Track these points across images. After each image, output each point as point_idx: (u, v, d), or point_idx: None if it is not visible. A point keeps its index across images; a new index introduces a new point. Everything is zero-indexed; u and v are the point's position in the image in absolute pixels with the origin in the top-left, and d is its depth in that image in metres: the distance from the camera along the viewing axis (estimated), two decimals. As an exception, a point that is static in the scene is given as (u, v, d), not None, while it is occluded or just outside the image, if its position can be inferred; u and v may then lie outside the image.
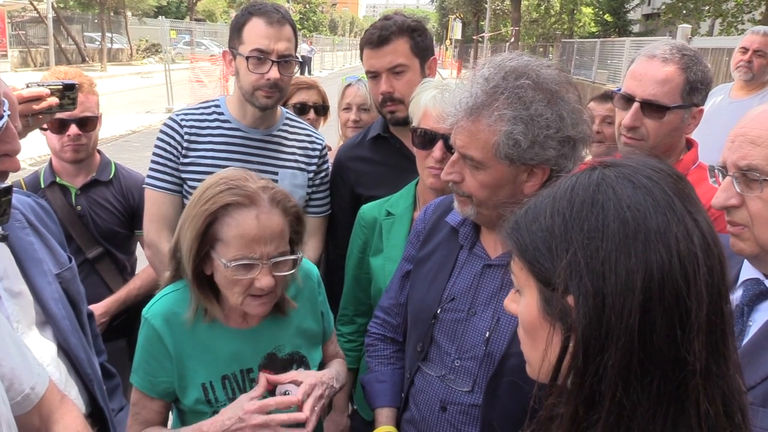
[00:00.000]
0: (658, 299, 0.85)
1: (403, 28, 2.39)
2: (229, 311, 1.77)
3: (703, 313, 0.86)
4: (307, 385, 1.75)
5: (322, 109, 3.37)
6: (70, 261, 1.83)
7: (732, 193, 1.41)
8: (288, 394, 1.80)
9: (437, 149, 2.04)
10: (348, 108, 3.31)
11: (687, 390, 0.87)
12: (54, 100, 1.75)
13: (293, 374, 1.79)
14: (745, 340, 1.42)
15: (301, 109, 3.26)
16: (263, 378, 1.72)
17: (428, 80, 2.22)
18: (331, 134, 3.55)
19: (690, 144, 2.19)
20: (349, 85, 3.36)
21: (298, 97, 3.28)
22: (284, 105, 3.20)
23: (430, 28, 2.65)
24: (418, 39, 2.43)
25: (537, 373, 0.99)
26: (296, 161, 2.47)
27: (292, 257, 1.69)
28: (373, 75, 2.45)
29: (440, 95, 2.04)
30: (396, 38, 2.38)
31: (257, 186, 1.65)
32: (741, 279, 1.51)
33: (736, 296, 1.50)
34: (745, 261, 1.50)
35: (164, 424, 1.83)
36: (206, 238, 1.62)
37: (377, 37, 2.38)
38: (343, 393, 2.27)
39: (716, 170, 1.48)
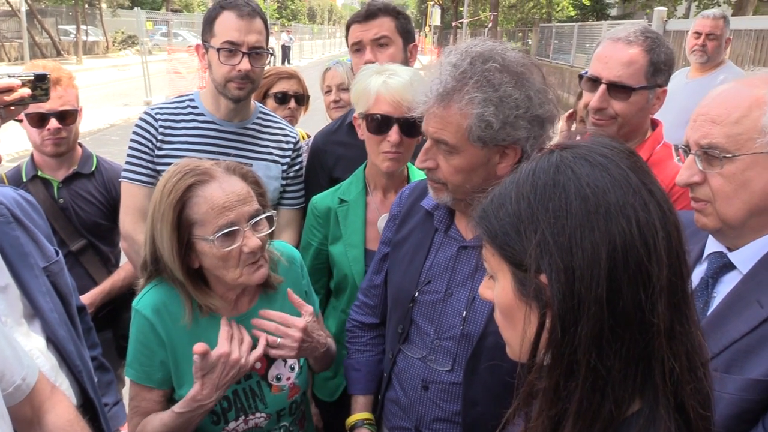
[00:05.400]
0: (623, 268, 0.90)
1: (389, 8, 2.60)
2: (222, 298, 1.80)
3: (664, 276, 0.91)
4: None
5: (302, 99, 3.40)
6: (57, 254, 1.84)
7: (694, 171, 1.47)
8: (280, 378, 1.85)
9: (394, 133, 2.09)
10: (329, 90, 3.40)
11: (653, 350, 0.92)
12: (26, 91, 1.72)
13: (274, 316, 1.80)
14: (710, 311, 1.48)
15: (282, 99, 3.29)
16: (223, 322, 1.74)
17: (367, 66, 2.27)
18: (312, 123, 3.59)
19: (655, 124, 2.26)
20: (328, 69, 3.46)
21: (279, 87, 3.30)
22: (265, 94, 3.25)
23: (409, 15, 2.75)
24: (403, 21, 2.62)
25: (518, 354, 1.03)
26: (270, 154, 2.51)
27: (267, 214, 1.75)
28: (358, 48, 2.58)
29: (389, 80, 2.09)
30: (382, 15, 2.57)
31: (210, 163, 1.72)
32: (706, 253, 1.57)
33: (701, 269, 1.56)
34: (710, 235, 1.56)
35: None
36: (182, 227, 1.65)
37: (365, 11, 2.58)
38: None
39: (680, 149, 1.54)
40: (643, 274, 0.91)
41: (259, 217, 1.71)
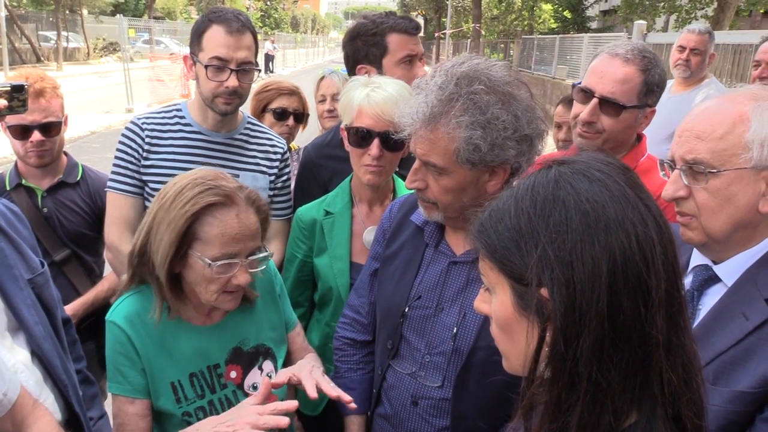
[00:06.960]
0: (623, 281, 0.91)
1: None
2: (195, 308, 1.79)
3: (663, 289, 0.93)
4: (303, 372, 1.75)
5: (302, 117, 3.38)
6: (43, 266, 1.82)
7: (680, 186, 1.49)
8: (256, 387, 1.82)
9: (374, 147, 2.10)
10: (323, 99, 3.38)
11: (651, 362, 0.93)
12: (2, 103, 1.72)
13: (288, 373, 1.74)
14: (696, 323, 1.50)
15: (282, 115, 3.27)
16: (265, 384, 1.61)
17: (355, 78, 2.28)
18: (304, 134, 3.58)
19: (639, 137, 2.28)
20: (323, 77, 3.44)
21: (279, 102, 3.28)
22: (264, 108, 3.23)
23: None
24: None
25: (518, 367, 1.04)
26: (257, 164, 2.50)
27: (265, 254, 1.74)
28: (410, 60, 2.64)
29: (373, 93, 2.09)
30: None
31: (234, 186, 1.69)
32: (691, 265, 1.59)
33: (686, 282, 1.58)
34: (694, 249, 1.59)
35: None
36: (185, 239, 1.64)
37: (415, 25, 2.66)
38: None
39: (665, 164, 1.57)
40: (642, 288, 0.92)
41: (257, 256, 1.71)
